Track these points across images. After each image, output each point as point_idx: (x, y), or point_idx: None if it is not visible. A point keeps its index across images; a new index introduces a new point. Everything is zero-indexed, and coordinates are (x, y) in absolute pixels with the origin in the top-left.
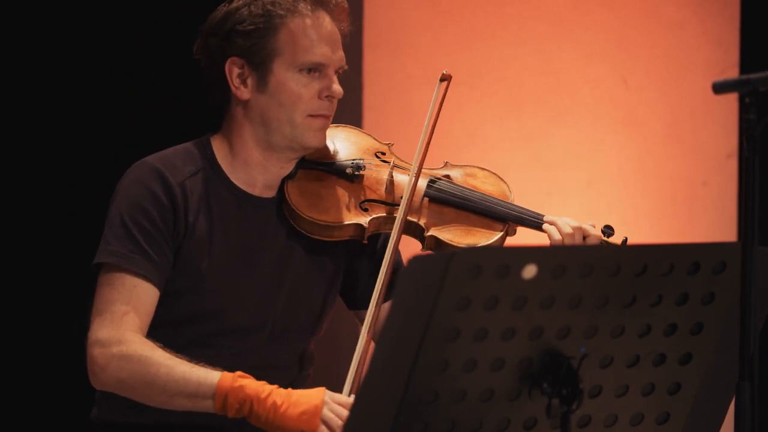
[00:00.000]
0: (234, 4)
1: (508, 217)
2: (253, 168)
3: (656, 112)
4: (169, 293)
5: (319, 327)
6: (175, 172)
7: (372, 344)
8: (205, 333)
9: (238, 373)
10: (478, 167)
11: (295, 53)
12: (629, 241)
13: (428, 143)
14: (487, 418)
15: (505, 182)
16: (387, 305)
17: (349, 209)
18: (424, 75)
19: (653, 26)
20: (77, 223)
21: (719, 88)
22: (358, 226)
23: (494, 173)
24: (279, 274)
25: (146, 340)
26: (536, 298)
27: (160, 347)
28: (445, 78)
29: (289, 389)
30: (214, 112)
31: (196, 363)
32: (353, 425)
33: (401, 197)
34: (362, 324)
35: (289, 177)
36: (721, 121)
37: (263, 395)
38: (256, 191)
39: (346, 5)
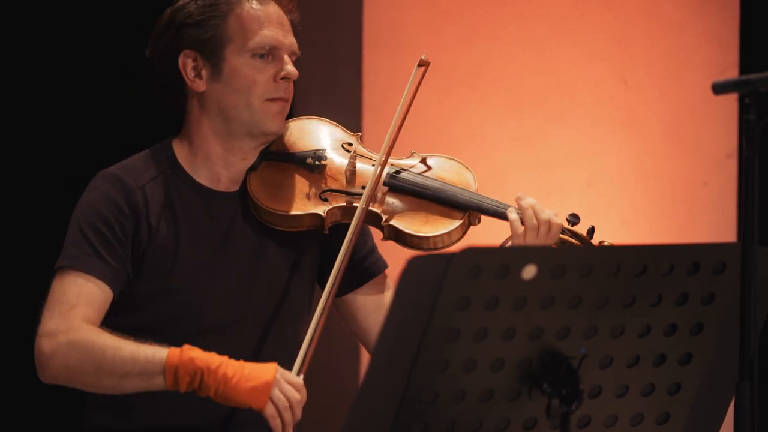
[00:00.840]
0: (179, 3)
1: (469, 206)
2: (214, 163)
3: (656, 112)
4: (143, 298)
5: (301, 316)
6: (135, 177)
7: (320, 329)
8: (185, 333)
9: (186, 346)
10: (445, 156)
11: (246, 38)
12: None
13: (398, 132)
14: (486, 419)
15: (470, 171)
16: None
17: (308, 199)
18: (424, 75)
19: (653, 26)
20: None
21: (719, 88)
22: (317, 216)
23: (461, 162)
24: (252, 267)
25: (92, 326)
26: (536, 298)
27: (108, 332)
28: (423, 63)
29: (242, 361)
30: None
31: (144, 341)
32: (353, 425)
33: (363, 187)
34: (327, 312)
35: (252, 169)
36: (721, 121)
37: (213, 366)
38: (221, 187)
39: None
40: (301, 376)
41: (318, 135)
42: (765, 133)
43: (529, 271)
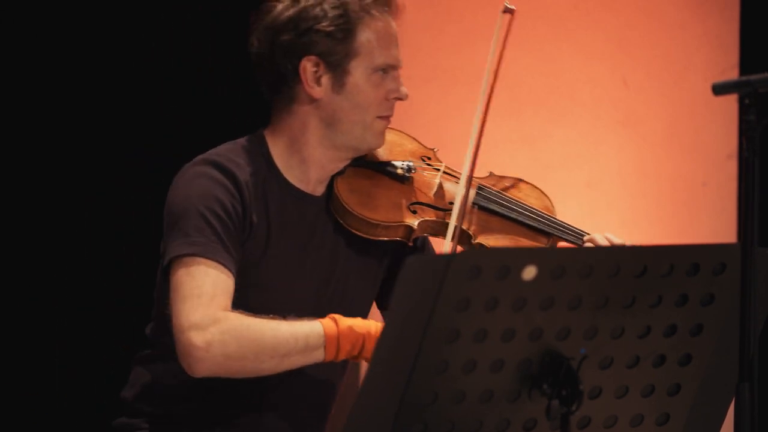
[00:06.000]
0: (303, 3)
1: (553, 232)
2: (309, 166)
3: (656, 112)
4: None
5: None
6: (239, 169)
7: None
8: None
9: (334, 315)
10: (521, 180)
11: (373, 55)
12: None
13: (481, 132)
14: (486, 419)
15: (548, 197)
16: None
17: (399, 210)
18: (424, 75)
19: (653, 26)
20: (95, 222)
21: (719, 89)
22: (408, 227)
23: (537, 187)
24: (327, 273)
25: (238, 312)
26: (536, 299)
27: (253, 315)
28: (508, 10)
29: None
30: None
31: (292, 318)
32: (354, 426)
33: (450, 202)
34: None
35: (338, 174)
36: (721, 121)
37: (373, 331)
38: (309, 188)
39: (402, 6)
40: None
41: (402, 146)
42: (765, 134)
43: (529, 272)
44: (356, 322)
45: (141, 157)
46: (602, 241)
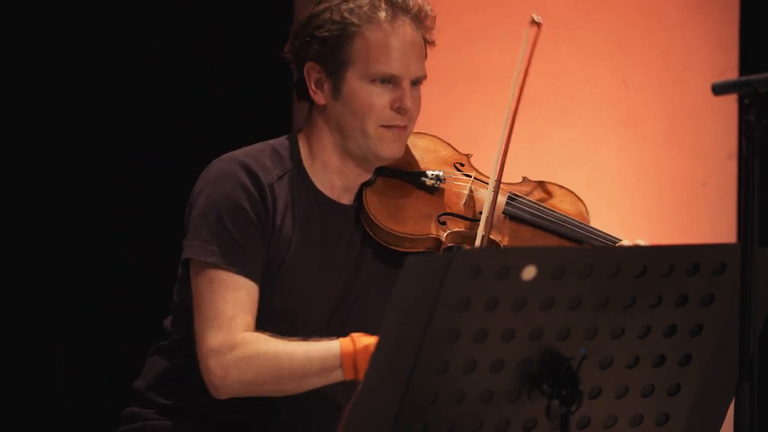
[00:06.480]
0: (319, 7)
1: (586, 240)
2: (331, 172)
3: (656, 112)
4: None
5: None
6: (265, 172)
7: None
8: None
9: (354, 334)
10: (556, 184)
11: (368, 64)
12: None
13: (509, 138)
14: (486, 420)
15: (582, 202)
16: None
17: (427, 222)
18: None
19: (653, 26)
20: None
21: (719, 89)
22: (436, 239)
23: (572, 191)
24: (349, 281)
25: (257, 334)
26: (536, 299)
27: (271, 336)
28: (536, 22)
29: None
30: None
31: (309, 339)
32: (353, 425)
33: (480, 212)
34: None
35: (368, 184)
36: (721, 121)
37: None
38: (335, 194)
39: (431, 12)
40: None
41: (434, 153)
42: (765, 134)
43: (529, 272)
44: (372, 341)
45: (141, 157)
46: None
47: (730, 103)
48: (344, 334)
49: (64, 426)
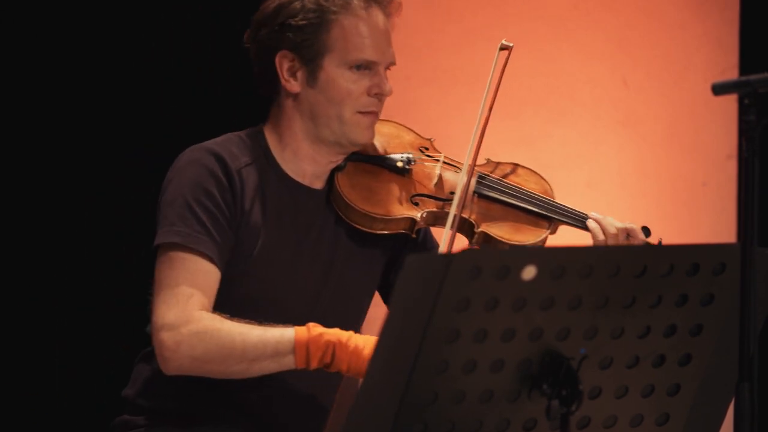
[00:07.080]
0: None
1: (554, 216)
2: (302, 159)
3: (656, 112)
4: (222, 281)
5: (361, 319)
6: (233, 159)
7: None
8: (253, 320)
9: (311, 323)
10: (519, 165)
11: (346, 51)
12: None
13: (483, 133)
14: (486, 420)
15: (545, 180)
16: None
17: (400, 203)
18: (424, 76)
19: (653, 26)
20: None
21: (719, 89)
22: (410, 219)
23: (535, 171)
24: (326, 266)
25: (214, 314)
26: (536, 299)
27: (227, 318)
28: (506, 47)
29: (367, 335)
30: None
31: (267, 324)
32: (353, 425)
33: (451, 192)
34: None
35: (338, 169)
36: (721, 121)
37: (344, 339)
38: (306, 181)
39: (399, 4)
40: None
41: (398, 138)
42: (765, 134)
43: (529, 272)
44: (328, 330)
45: (141, 157)
46: (608, 226)
47: (730, 103)
48: (325, 320)
49: (63, 426)
